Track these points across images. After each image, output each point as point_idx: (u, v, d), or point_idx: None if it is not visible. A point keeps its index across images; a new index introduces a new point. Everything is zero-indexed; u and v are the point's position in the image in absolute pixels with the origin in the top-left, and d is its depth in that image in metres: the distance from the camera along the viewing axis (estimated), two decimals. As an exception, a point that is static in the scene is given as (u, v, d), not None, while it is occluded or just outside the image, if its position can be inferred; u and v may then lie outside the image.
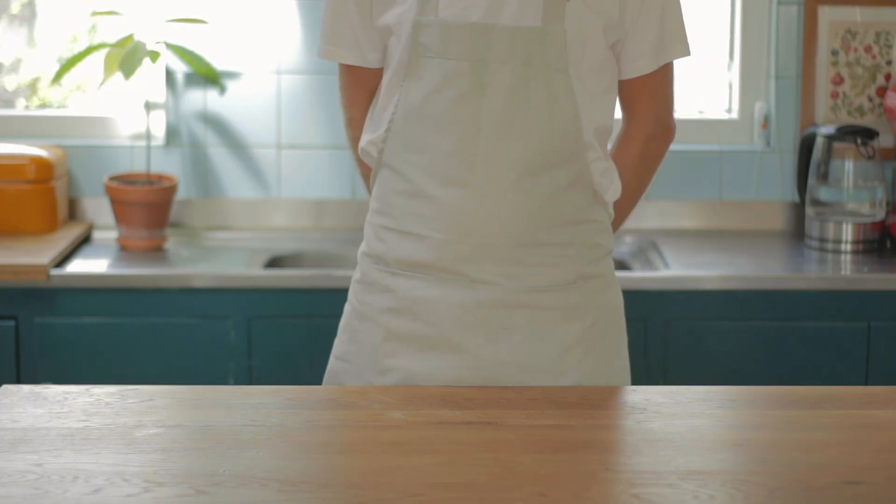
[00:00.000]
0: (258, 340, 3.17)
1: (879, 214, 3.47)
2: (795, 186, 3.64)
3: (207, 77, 3.54)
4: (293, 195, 3.65)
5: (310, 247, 3.54)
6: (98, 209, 3.62)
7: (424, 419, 1.93)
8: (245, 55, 3.62)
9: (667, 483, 1.71)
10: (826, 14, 3.63)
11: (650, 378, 3.18)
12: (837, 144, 3.48)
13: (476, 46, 2.10)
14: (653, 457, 1.79)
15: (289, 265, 3.48)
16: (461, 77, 2.10)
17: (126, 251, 3.40)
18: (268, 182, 3.66)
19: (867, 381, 3.21)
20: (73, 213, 3.63)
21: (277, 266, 3.46)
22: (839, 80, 3.65)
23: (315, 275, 3.21)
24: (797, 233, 3.65)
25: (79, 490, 1.67)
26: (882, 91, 3.65)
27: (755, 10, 3.69)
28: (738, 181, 3.68)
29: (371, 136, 2.20)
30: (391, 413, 1.95)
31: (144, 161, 3.57)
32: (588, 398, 2.02)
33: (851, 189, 3.49)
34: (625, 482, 1.71)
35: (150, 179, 3.50)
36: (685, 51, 2.22)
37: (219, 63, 3.60)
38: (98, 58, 3.49)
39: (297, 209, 3.66)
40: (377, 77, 2.23)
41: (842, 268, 3.32)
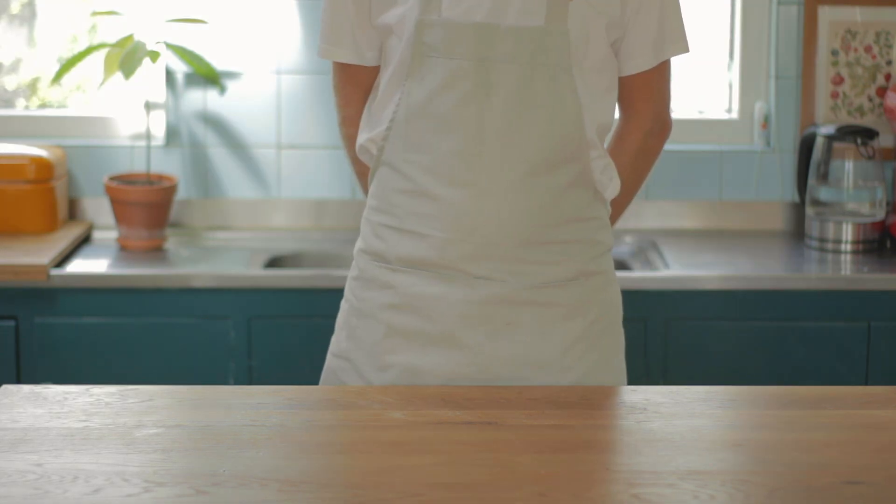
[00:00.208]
0: (258, 340, 3.17)
1: (879, 214, 3.47)
2: (795, 186, 3.64)
3: (207, 77, 3.54)
4: (293, 195, 3.65)
5: (310, 247, 3.54)
6: (98, 209, 3.62)
7: (424, 419, 1.93)
8: (245, 55, 3.62)
9: (667, 483, 1.71)
10: (826, 14, 3.63)
11: (650, 378, 3.18)
12: (837, 144, 3.48)
13: (480, 46, 2.10)
14: (653, 457, 1.79)
15: (289, 265, 3.49)
16: (465, 77, 2.10)
17: (126, 251, 3.40)
18: (268, 182, 3.66)
19: (867, 381, 3.21)
20: (73, 213, 3.63)
21: (277, 266, 3.46)
22: (839, 80, 3.65)
23: (315, 275, 3.21)
24: (797, 233, 3.65)
25: (79, 490, 1.67)
26: (882, 91, 3.65)
27: (755, 10, 3.69)
28: (738, 181, 3.68)
29: (370, 135, 2.20)
30: (391, 413, 1.95)
31: (144, 161, 3.57)
32: (588, 398, 2.02)
33: (851, 189, 3.49)
34: (625, 482, 1.71)
35: (150, 179, 3.50)
36: (684, 48, 2.22)
37: (219, 63, 3.60)
38: (98, 58, 3.49)
39: (297, 209, 3.66)
40: (373, 75, 2.24)
41: (842, 268, 3.32)
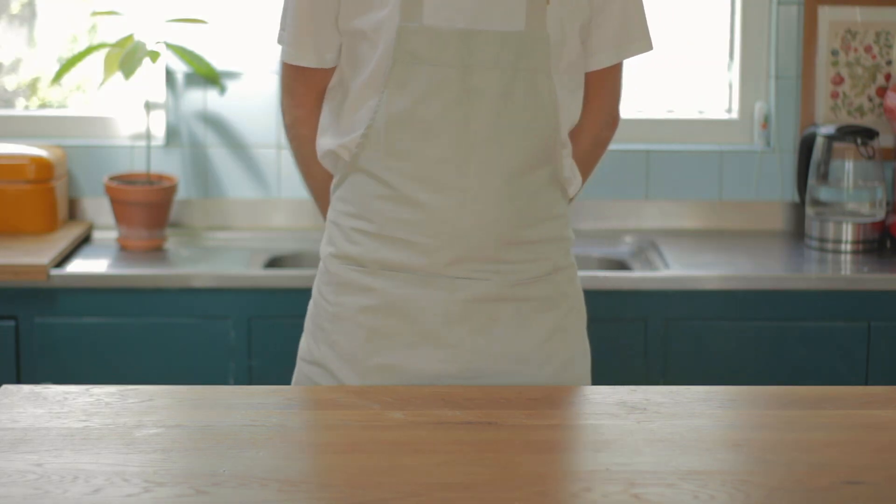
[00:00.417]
0: (258, 340, 3.17)
1: (879, 214, 3.47)
2: (795, 186, 3.64)
3: (207, 77, 3.54)
4: (293, 195, 3.65)
5: (310, 247, 3.54)
6: (98, 209, 3.62)
7: (424, 419, 1.93)
8: (245, 55, 3.62)
9: (667, 483, 1.71)
10: (826, 14, 3.63)
11: (650, 378, 3.18)
12: (837, 144, 3.48)
13: (464, 53, 2.10)
14: (653, 457, 1.79)
15: (289, 265, 3.48)
16: (449, 84, 2.11)
17: (126, 251, 3.40)
18: (268, 182, 3.66)
19: (867, 381, 3.21)
20: (73, 213, 3.63)
21: (277, 266, 3.46)
22: (839, 80, 3.65)
23: (315, 275, 3.20)
24: (797, 233, 3.65)
25: (79, 490, 1.67)
26: (882, 91, 3.65)
27: (755, 10, 3.69)
28: (738, 181, 3.68)
29: (342, 140, 2.18)
30: (391, 413, 1.95)
31: (144, 161, 3.57)
32: (588, 398, 2.02)
33: (851, 189, 3.49)
34: (625, 482, 1.71)
35: (150, 179, 3.50)
36: (647, 46, 2.25)
37: (219, 63, 3.60)
38: (98, 58, 3.49)
39: (297, 209, 3.66)
40: (328, 77, 2.23)
41: (842, 268, 3.32)
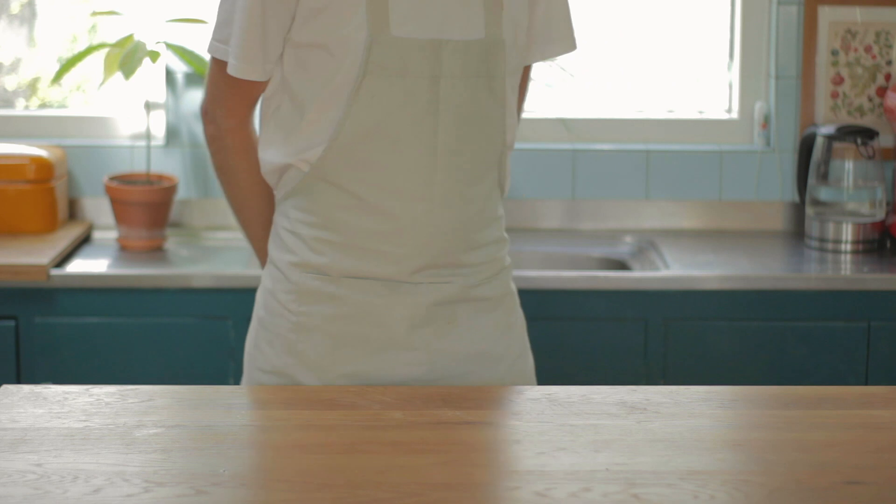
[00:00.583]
0: (258, 340, 3.17)
1: (879, 214, 3.47)
2: (795, 186, 3.64)
3: (207, 77, 3.53)
4: (293, 195, 3.65)
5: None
6: (98, 209, 3.62)
7: (424, 419, 1.93)
8: (245, 55, 3.61)
9: (667, 483, 1.71)
10: (826, 14, 3.63)
11: (650, 378, 3.18)
12: (837, 144, 3.48)
13: (432, 63, 2.11)
14: (653, 457, 1.79)
15: (289, 265, 3.48)
16: (419, 94, 2.12)
17: (126, 251, 3.40)
18: (268, 182, 3.65)
19: (867, 381, 3.21)
20: (73, 213, 3.63)
21: (277, 266, 3.45)
22: (839, 80, 3.65)
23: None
24: (797, 233, 3.65)
25: (79, 490, 1.67)
26: (882, 91, 3.65)
27: (755, 10, 3.69)
28: (738, 181, 3.68)
29: (301, 154, 2.15)
30: (391, 413, 1.95)
31: (144, 161, 3.57)
32: (588, 398, 2.02)
33: (851, 189, 3.49)
34: (625, 482, 1.71)
35: (150, 179, 3.50)
36: (571, 46, 2.29)
37: (219, 63, 3.60)
38: (98, 58, 3.49)
39: (297, 209, 3.65)
40: (262, 87, 2.21)
41: (842, 268, 3.32)
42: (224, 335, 3.17)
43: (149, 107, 3.56)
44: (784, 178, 3.68)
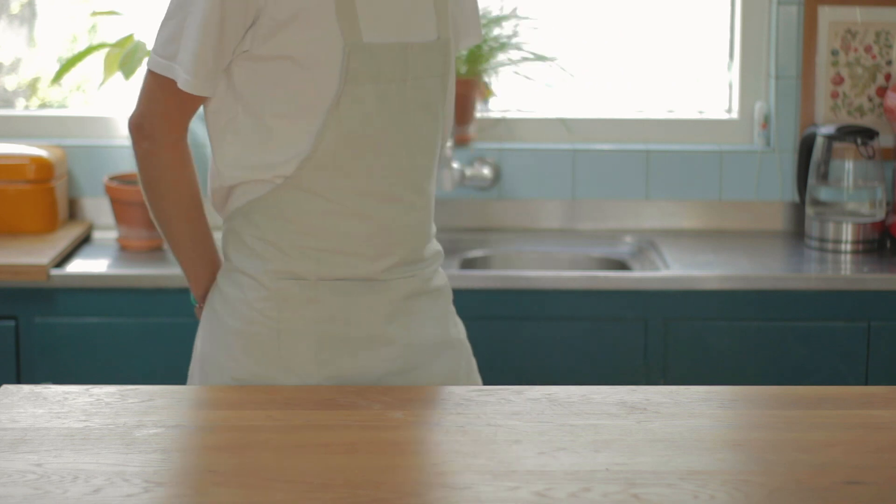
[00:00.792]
0: (258, 340, 3.17)
1: (879, 214, 3.47)
2: (795, 186, 3.64)
3: (207, 77, 3.53)
4: (293, 195, 3.65)
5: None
6: (98, 209, 3.62)
7: (424, 419, 1.93)
8: (245, 55, 3.62)
9: (667, 483, 1.71)
10: (826, 14, 3.63)
11: (650, 378, 3.18)
12: (837, 144, 3.48)
13: (401, 67, 2.14)
14: (653, 457, 1.79)
15: (289, 265, 3.48)
16: (391, 98, 2.14)
17: (126, 251, 3.40)
18: (268, 182, 3.65)
19: (867, 381, 3.21)
20: (73, 213, 3.63)
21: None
22: (839, 80, 3.65)
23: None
24: (797, 233, 3.65)
25: (79, 490, 1.67)
26: (882, 91, 3.65)
27: (755, 10, 3.69)
28: (738, 181, 3.68)
29: (277, 170, 2.13)
30: (391, 413, 1.95)
31: (144, 161, 3.57)
32: (588, 398, 2.02)
33: (851, 189, 3.49)
34: (625, 482, 1.71)
35: (150, 179, 3.50)
36: (479, 37, 2.35)
37: (219, 63, 3.60)
38: (98, 58, 3.49)
39: (297, 209, 3.65)
40: (204, 101, 2.19)
41: (842, 268, 3.32)
42: (224, 335, 3.16)
43: (149, 107, 3.56)
44: (784, 178, 3.68)
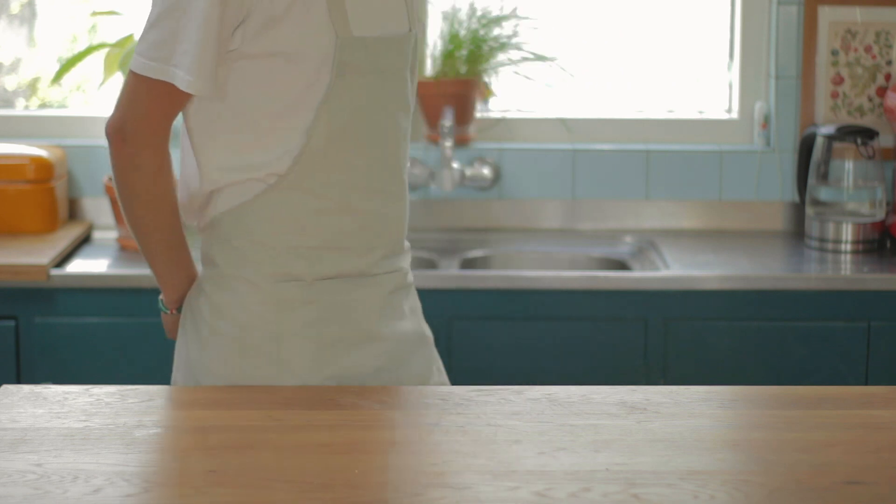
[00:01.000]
0: (258, 340, 3.17)
1: (879, 214, 3.47)
2: (795, 186, 3.64)
3: (207, 77, 3.53)
4: (293, 195, 3.65)
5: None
6: (98, 209, 3.62)
7: (424, 419, 1.93)
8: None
9: (667, 483, 1.71)
10: (826, 14, 3.63)
11: (650, 378, 3.18)
12: (837, 144, 3.48)
13: (383, 59, 2.15)
14: (653, 457, 1.79)
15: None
16: (377, 91, 2.15)
17: (126, 251, 3.40)
18: (268, 182, 3.65)
19: (867, 381, 3.21)
20: (73, 213, 3.63)
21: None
22: (839, 80, 3.65)
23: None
24: (797, 233, 3.65)
25: (79, 490, 1.67)
26: (882, 91, 3.65)
27: (755, 10, 3.69)
28: (738, 181, 3.68)
29: (270, 168, 2.12)
30: (391, 413, 1.95)
31: (144, 161, 3.57)
32: (588, 398, 2.02)
33: (851, 189, 3.49)
34: (625, 482, 1.71)
35: (150, 179, 3.50)
36: (421, 30, 2.47)
37: (219, 63, 3.60)
38: (98, 58, 3.49)
39: (297, 209, 3.65)
40: (185, 105, 2.14)
41: (842, 268, 3.32)
42: (224, 335, 3.16)
43: (149, 107, 3.56)
44: (784, 178, 3.68)
